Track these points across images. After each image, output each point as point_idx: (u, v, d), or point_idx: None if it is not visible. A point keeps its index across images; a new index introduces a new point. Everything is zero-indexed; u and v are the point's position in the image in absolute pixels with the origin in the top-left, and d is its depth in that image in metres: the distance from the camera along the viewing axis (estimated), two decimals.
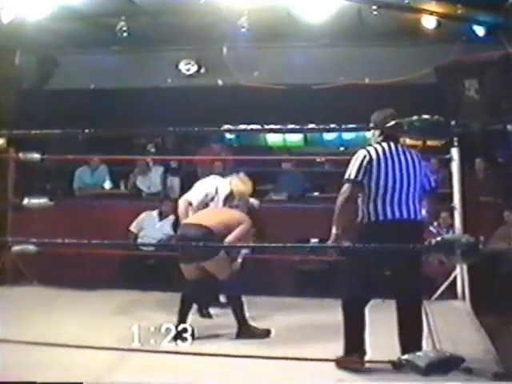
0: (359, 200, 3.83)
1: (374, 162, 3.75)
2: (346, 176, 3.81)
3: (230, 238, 4.71)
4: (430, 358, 2.44)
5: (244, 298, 4.77)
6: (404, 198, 3.75)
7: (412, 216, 3.76)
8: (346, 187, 3.79)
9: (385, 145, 3.84)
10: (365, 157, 3.78)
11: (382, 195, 3.74)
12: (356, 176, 3.76)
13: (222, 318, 5.12)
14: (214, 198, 5.27)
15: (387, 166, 3.76)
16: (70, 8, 6.71)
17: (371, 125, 3.93)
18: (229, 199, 5.25)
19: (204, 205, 5.24)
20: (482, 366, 3.79)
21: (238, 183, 5.27)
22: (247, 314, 4.74)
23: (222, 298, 5.40)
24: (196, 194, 5.29)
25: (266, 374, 3.64)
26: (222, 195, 5.26)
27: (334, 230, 3.81)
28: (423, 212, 3.92)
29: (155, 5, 6.81)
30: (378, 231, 3.69)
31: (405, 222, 3.75)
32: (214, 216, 4.88)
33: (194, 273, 4.73)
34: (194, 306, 5.04)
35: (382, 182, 3.75)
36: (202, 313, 5.33)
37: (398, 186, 3.75)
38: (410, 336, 3.69)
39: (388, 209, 3.73)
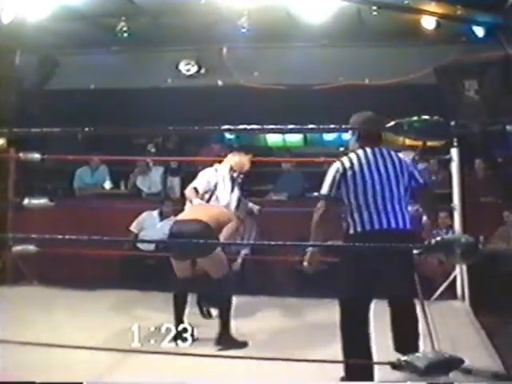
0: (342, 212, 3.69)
1: (349, 174, 3.60)
2: (321, 191, 3.69)
3: (224, 233, 4.69)
4: (429, 359, 2.44)
5: (244, 299, 4.77)
6: (389, 206, 3.58)
7: (401, 225, 3.59)
8: (320, 204, 3.67)
9: (360, 152, 3.67)
10: (337, 170, 3.63)
11: (365, 205, 3.57)
12: (329, 191, 3.63)
13: None
14: (217, 185, 5.30)
15: (364, 176, 3.59)
16: (70, 8, 6.73)
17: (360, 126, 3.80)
18: (233, 178, 5.33)
19: (210, 193, 5.28)
20: (481, 366, 3.78)
21: (233, 157, 5.42)
22: (242, 318, 4.73)
23: None
24: (199, 182, 5.36)
25: (266, 374, 3.64)
26: (222, 176, 5.32)
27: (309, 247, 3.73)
28: (423, 216, 3.85)
29: (155, 5, 6.82)
30: (365, 241, 3.48)
31: (392, 233, 3.57)
32: (206, 211, 4.83)
33: (186, 271, 4.70)
34: (194, 306, 5.04)
35: (360, 193, 3.58)
36: (203, 313, 5.34)
37: (379, 194, 3.58)
38: (404, 338, 3.64)
39: (374, 217, 3.57)
